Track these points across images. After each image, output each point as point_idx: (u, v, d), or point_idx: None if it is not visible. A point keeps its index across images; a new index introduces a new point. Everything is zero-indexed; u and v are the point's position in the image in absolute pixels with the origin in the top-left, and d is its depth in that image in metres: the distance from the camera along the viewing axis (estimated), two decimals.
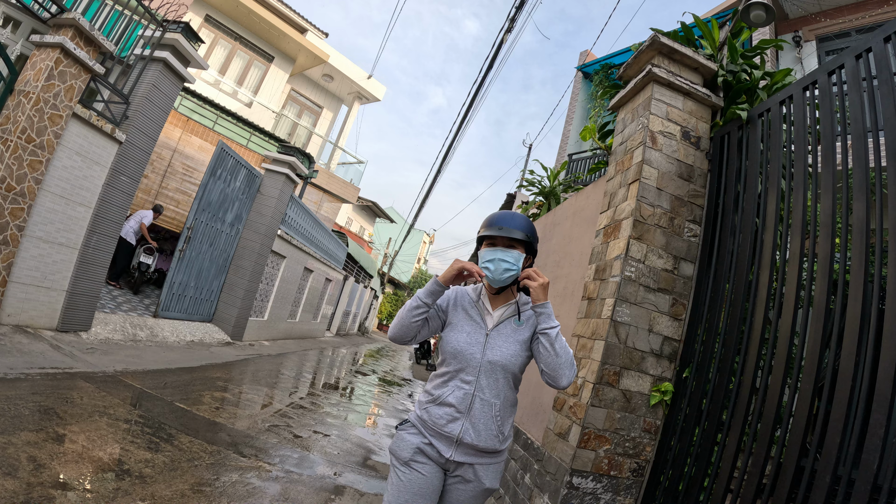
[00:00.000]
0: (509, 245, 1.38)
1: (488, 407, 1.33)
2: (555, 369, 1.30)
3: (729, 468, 1.97)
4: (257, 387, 5.15)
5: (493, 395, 1.34)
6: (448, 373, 1.39)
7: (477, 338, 1.39)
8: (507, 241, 1.38)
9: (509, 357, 1.36)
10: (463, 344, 1.38)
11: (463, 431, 1.32)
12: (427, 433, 1.37)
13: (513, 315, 1.42)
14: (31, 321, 4.29)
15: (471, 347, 1.37)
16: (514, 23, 7.21)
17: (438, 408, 1.36)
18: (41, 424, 2.49)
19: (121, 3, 5.02)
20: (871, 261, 1.64)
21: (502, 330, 1.40)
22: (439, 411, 1.35)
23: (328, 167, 13.88)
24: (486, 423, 1.33)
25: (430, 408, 1.38)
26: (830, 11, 6.42)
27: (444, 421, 1.34)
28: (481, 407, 1.33)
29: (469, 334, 1.39)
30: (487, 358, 1.36)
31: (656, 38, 2.63)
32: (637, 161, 2.58)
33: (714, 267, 2.45)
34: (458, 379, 1.36)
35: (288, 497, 2.54)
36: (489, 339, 1.38)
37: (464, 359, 1.36)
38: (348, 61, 13.79)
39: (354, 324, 20.37)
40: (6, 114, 3.89)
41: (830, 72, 1.99)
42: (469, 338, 1.39)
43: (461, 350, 1.37)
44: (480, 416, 1.33)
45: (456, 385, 1.36)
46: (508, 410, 1.39)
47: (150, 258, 7.18)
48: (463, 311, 1.45)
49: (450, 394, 1.36)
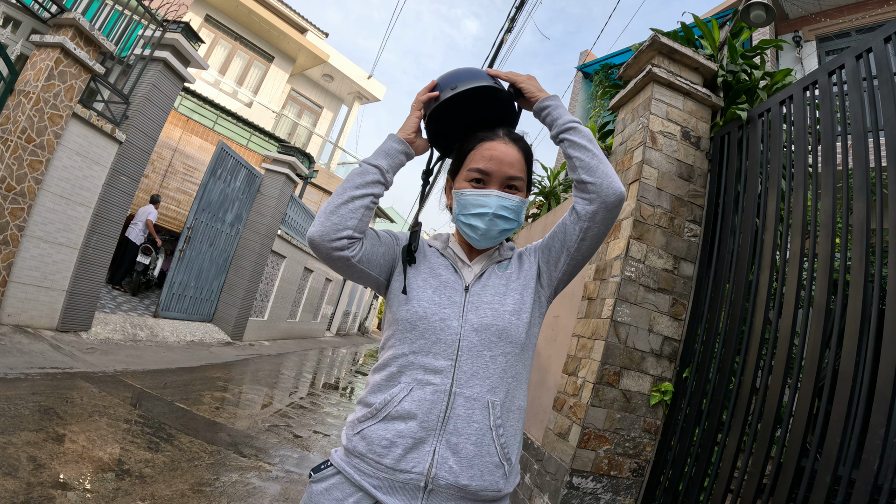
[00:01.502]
0: (508, 183, 0.89)
1: (481, 410, 0.78)
2: (603, 172, 0.84)
3: (729, 468, 1.97)
4: (257, 387, 5.15)
5: (486, 387, 0.79)
6: (398, 359, 0.83)
7: (450, 295, 0.86)
8: (507, 175, 0.89)
9: (508, 314, 0.84)
10: (427, 304, 0.84)
11: (437, 463, 0.75)
12: (365, 482, 0.77)
13: (497, 261, 0.95)
14: (32, 321, 4.29)
15: (441, 309, 0.83)
16: (514, 23, 7.21)
17: (384, 426, 0.78)
18: (41, 424, 2.49)
19: (121, 3, 5.02)
20: (871, 261, 1.64)
21: (488, 282, 0.89)
22: (386, 432, 0.77)
23: (328, 167, 13.88)
24: (480, 442, 0.77)
25: (367, 430, 0.79)
26: (830, 11, 6.42)
27: (399, 451, 0.75)
28: (467, 412, 0.77)
29: (437, 290, 0.86)
30: (471, 322, 0.82)
31: (656, 38, 2.63)
32: (637, 161, 2.58)
33: (714, 267, 2.45)
34: (417, 368, 0.80)
35: (288, 497, 2.54)
36: (470, 295, 0.86)
37: (429, 329, 0.82)
38: (348, 61, 13.79)
39: (354, 324, 20.38)
40: (6, 114, 3.89)
41: (831, 72, 1.99)
42: (437, 295, 0.85)
43: (424, 314, 0.82)
44: (467, 430, 0.76)
45: (414, 378, 0.79)
46: (515, 415, 0.83)
47: (146, 258, 7.09)
48: (423, 260, 0.93)
49: (404, 396, 0.79)
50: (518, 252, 1.00)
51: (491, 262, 0.95)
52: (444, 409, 0.77)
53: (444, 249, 0.97)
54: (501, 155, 0.89)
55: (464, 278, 0.91)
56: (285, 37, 12.03)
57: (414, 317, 0.83)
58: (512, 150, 0.90)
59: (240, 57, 12.21)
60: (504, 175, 0.89)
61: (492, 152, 0.89)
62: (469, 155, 0.93)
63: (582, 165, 0.85)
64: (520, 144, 0.93)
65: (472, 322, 0.84)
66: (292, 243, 9.15)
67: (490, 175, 0.89)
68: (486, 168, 0.89)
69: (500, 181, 0.89)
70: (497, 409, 0.79)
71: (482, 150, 0.90)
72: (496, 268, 0.94)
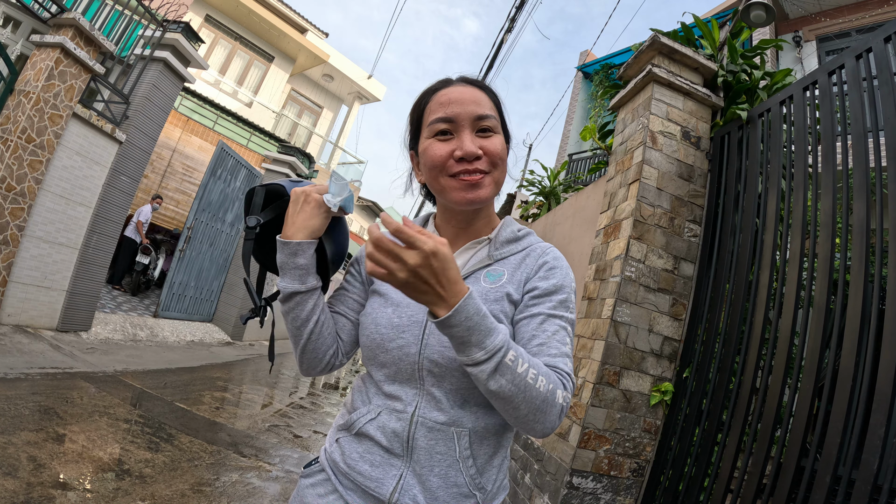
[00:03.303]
0: (481, 126, 0.74)
1: (445, 442, 0.70)
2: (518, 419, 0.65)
3: (729, 468, 1.97)
4: (257, 387, 5.15)
5: (451, 416, 0.71)
6: (368, 381, 0.79)
7: (412, 314, 0.74)
8: (475, 115, 0.74)
9: None
10: (384, 328, 0.74)
11: (402, 490, 0.70)
12: (341, 485, 0.75)
13: (486, 264, 0.78)
14: (32, 321, 4.29)
15: (399, 335, 0.73)
16: (514, 23, 7.21)
17: (356, 441, 0.75)
18: (41, 424, 2.49)
19: (121, 3, 5.03)
20: (871, 261, 1.64)
21: None
22: (358, 446, 0.74)
23: (328, 167, 13.88)
24: (446, 474, 0.70)
25: (342, 439, 0.77)
26: (830, 11, 6.42)
27: (366, 466, 0.73)
28: (429, 443, 0.70)
29: (398, 307, 0.75)
30: (431, 348, 0.71)
31: (656, 39, 2.63)
32: (637, 161, 2.58)
33: (714, 267, 2.45)
34: (383, 394, 0.75)
35: (288, 497, 2.54)
36: None
37: (389, 360, 0.74)
38: (348, 61, 13.79)
39: None
40: (6, 114, 3.89)
41: (831, 72, 1.99)
42: (398, 315, 0.75)
43: (381, 341, 0.74)
44: (430, 462, 0.70)
45: (382, 403, 0.74)
46: (491, 440, 0.74)
47: (146, 258, 7.06)
48: None
49: (371, 418, 0.74)
50: (527, 253, 0.79)
51: (480, 261, 0.78)
52: (407, 439, 0.71)
53: None
54: (460, 95, 0.75)
55: None
56: (285, 37, 12.03)
57: (372, 344, 0.75)
58: (472, 90, 0.76)
59: (240, 57, 12.21)
60: (472, 115, 0.73)
61: (449, 95, 0.75)
62: (425, 111, 0.78)
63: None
64: (479, 85, 0.79)
65: (433, 348, 0.71)
66: None
67: (456, 120, 0.73)
68: (449, 113, 0.74)
69: (471, 123, 0.73)
70: (464, 439, 0.71)
71: (438, 98, 0.76)
72: (484, 274, 0.76)
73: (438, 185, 0.76)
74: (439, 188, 0.76)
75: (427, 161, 0.75)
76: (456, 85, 0.77)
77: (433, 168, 0.75)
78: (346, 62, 13.72)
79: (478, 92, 0.77)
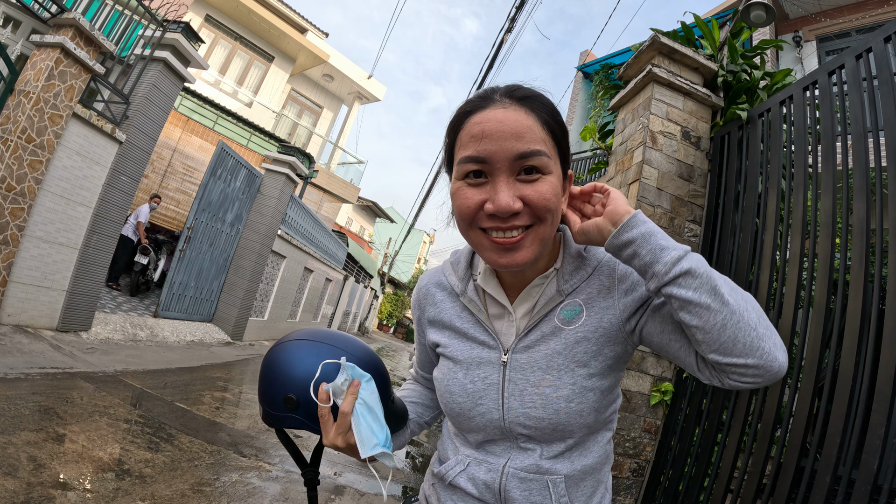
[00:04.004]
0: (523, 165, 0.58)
1: (539, 490, 0.65)
2: (742, 340, 0.53)
3: (729, 468, 1.97)
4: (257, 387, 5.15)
5: (546, 465, 0.66)
6: (455, 433, 0.75)
7: (485, 376, 0.67)
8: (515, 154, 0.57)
9: (563, 401, 0.63)
10: (460, 398, 0.68)
11: None
12: None
13: (557, 303, 0.66)
14: (32, 321, 4.29)
15: (478, 403, 0.67)
16: (514, 23, 7.21)
17: (450, 491, 0.71)
18: (41, 424, 2.49)
19: (121, 3, 5.03)
20: (871, 261, 1.64)
21: (538, 345, 0.66)
22: (452, 495, 0.71)
23: (328, 167, 13.88)
24: None
25: (438, 486, 0.74)
26: (830, 11, 6.42)
27: None
28: (523, 493, 0.66)
29: (469, 371, 0.69)
30: (514, 412, 0.65)
31: (656, 38, 2.63)
32: (637, 161, 2.58)
33: (714, 267, 2.45)
34: (470, 446, 0.71)
35: (288, 497, 2.54)
36: (510, 370, 0.66)
37: (472, 425, 0.68)
38: (348, 61, 13.79)
39: (355, 324, 20.38)
40: (6, 114, 3.89)
41: (831, 72, 1.99)
42: (469, 378, 0.68)
43: (460, 411, 0.69)
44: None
45: (470, 454, 0.70)
46: (589, 480, 0.68)
47: (145, 258, 6.92)
48: (446, 320, 0.73)
49: (460, 470, 0.70)
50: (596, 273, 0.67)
51: (548, 302, 0.66)
52: (499, 490, 0.66)
53: (465, 286, 0.71)
54: (497, 126, 0.57)
55: (501, 341, 0.67)
56: (285, 37, 12.03)
57: (452, 414, 0.70)
58: (514, 115, 0.57)
59: (240, 57, 12.21)
60: (511, 154, 0.56)
61: (483, 126, 0.57)
62: (456, 141, 0.62)
63: (705, 340, 0.54)
64: (530, 104, 0.59)
65: (516, 412, 0.65)
66: (292, 243, 9.15)
67: (489, 161, 0.57)
68: (481, 152, 0.57)
69: (509, 165, 0.57)
70: (560, 486, 0.65)
71: (470, 126, 0.59)
72: (557, 314, 0.65)
73: (469, 239, 0.63)
74: (471, 243, 0.63)
75: (455, 209, 0.62)
76: (496, 107, 0.58)
77: (461, 220, 0.61)
78: (346, 62, 13.72)
79: (522, 115, 0.58)
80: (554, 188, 0.58)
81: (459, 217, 0.61)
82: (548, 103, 0.61)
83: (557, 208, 0.60)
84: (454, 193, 0.62)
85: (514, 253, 0.58)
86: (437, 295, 0.76)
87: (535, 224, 0.58)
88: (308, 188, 12.52)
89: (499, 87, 0.62)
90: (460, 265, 0.73)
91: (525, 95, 0.60)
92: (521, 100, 0.60)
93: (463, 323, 0.71)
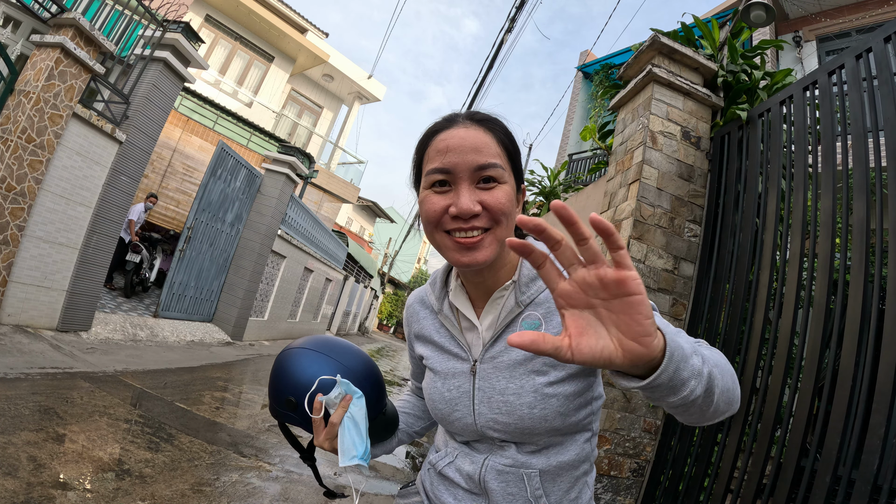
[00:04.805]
0: (482, 175, 0.65)
1: (516, 482, 0.70)
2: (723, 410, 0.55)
3: (729, 468, 1.97)
4: (257, 387, 5.15)
5: (522, 459, 0.71)
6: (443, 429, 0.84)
7: (459, 384, 0.74)
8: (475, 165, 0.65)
9: (526, 408, 0.67)
10: (440, 404, 0.75)
11: None
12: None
13: (517, 314, 0.70)
14: (32, 321, 4.29)
15: (453, 409, 0.74)
16: (514, 23, 7.21)
17: (441, 478, 0.79)
18: (41, 424, 2.49)
19: (121, 3, 5.03)
20: (871, 261, 1.64)
21: (502, 354, 0.70)
22: (443, 483, 0.79)
23: (328, 167, 13.88)
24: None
25: (432, 473, 0.82)
26: (830, 11, 6.42)
27: (451, 499, 0.77)
28: (500, 485, 0.71)
29: (446, 380, 0.75)
30: (484, 418, 0.71)
31: (656, 39, 2.63)
32: (637, 161, 2.58)
33: (714, 267, 2.45)
34: (457, 442, 0.79)
35: (288, 497, 2.54)
36: (479, 379, 0.72)
37: (453, 427, 0.76)
38: (348, 61, 13.79)
39: (355, 324, 20.38)
40: (6, 114, 3.89)
41: (830, 72, 1.99)
42: (446, 387, 0.75)
43: (441, 415, 0.76)
44: (506, 499, 0.71)
45: (457, 447, 0.78)
46: (565, 477, 0.72)
47: (136, 256, 6.63)
48: (427, 335, 0.81)
49: (449, 461, 0.77)
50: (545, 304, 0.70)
51: (508, 313, 0.70)
52: (479, 481, 0.73)
53: (441, 304, 0.78)
54: (460, 141, 0.65)
55: (470, 352, 0.74)
56: (285, 37, 12.03)
57: (436, 417, 0.79)
58: (475, 133, 0.66)
59: (240, 57, 12.21)
60: (471, 165, 0.64)
61: (447, 142, 0.66)
62: (424, 157, 0.70)
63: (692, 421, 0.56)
64: (488, 125, 0.68)
65: (486, 417, 0.70)
66: (292, 243, 9.16)
67: (453, 171, 0.65)
68: (446, 163, 0.65)
69: (470, 174, 0.64)
70: (535, 479, 0.70)
71: (437, 143, 0.67)
72: (518, 326, 0.69)
73: (435, 242, 0.68)
74: (436, 245, 0.69)
75: (422, 215, 0.69)
76: (458, 126, 0.67)
77: (428, 223, 0.68)
78: (346, 62, 13.72)
79: (481, 134, 0.67)
80: (508, 195, 0.66)
81: (427, 220, 0.68)
82: (503, 125, 0.71)
83: (512, 213, 0.67)
84: (422, 201, 0.69)
85: (475, 252, 0.65)
86: (420, 312, 0.84)
87: (493, 227, 0.65)
88: (308, 188, 12.52)
89: (461, 112, 0.72)
90: (437, 284, 0.81)
91: (484, 118, 0.69)
92: (480, 121, 0.69)
93: (441, 337, 0.79)
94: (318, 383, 0.74)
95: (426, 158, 0.69)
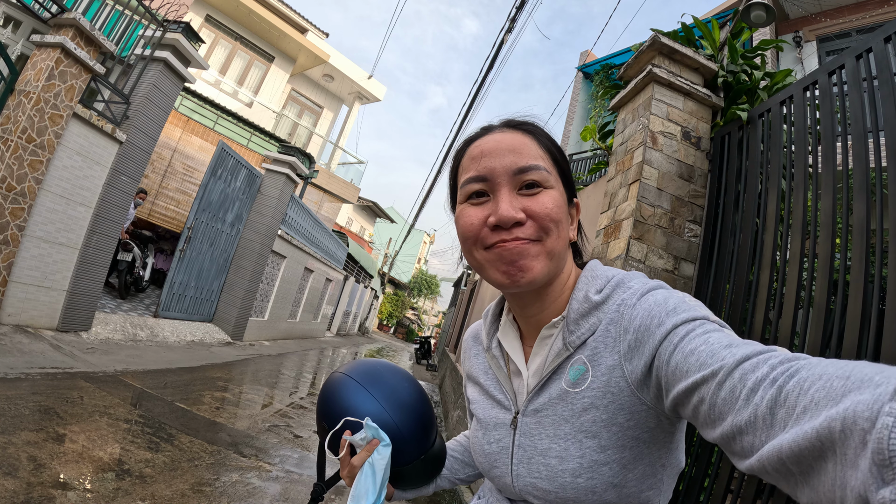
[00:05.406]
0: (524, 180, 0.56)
1: None
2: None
3: (729, 468, 1.97)
4: (257, 387, 5.15)
5: None
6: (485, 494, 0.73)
7: (499, 437, 0.64)
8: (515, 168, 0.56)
9: (569, 476, 0.54)
10: (480, 457, 0.67)
11: None
12: None
13: (565, 357, 0.58)
14: (32, 321, 4.29)
15: (493, 465, 0.64)
16: (514, 23, 7.21)
17: None
18: (41, 424, 2.49)
19: (121, 3, 5.03)
20: (871, 261, 1.64)
21: (546, 408, 0.58)
22: None
23: (328, 167, 13.88)
24: None
25: None
26: (831, 12, 6.42)
27: None
28: None
29: (487, 431, 0.66)
30: (522, 480, 0.60)
31: (657, 39, 2.63)
32: (637, 161, 2.58)
33: (714, 267, 2.45)
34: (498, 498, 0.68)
35: (288, 497, 2.54)
36: (519, 434, 0.61)
37: (493, 483, 0.67)
38: (349, 61, 13.80)
39: (355, 324, 20.38)
40: (7, 114, 3.89)
41: (831, 72, 1.99)
42: (486, 439, 0.66)
43: (483, 468, 0.67)
44: None
45: (499, 502, 0.67)
46: None
47: (128, 255, 6.37)
48: (475, 376, 0.73)
49: None
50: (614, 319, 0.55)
51: (555, 357, 0.58)
52: None
53: (490, 340, 0.69)
54: (495, 144, 0.57)
55: (515, 400, 0.63)
56: (285, 37, 12.04)
57: (479, 468, 0.70)
58: (511, 135, 0.59)
59: (240, 57, 12.21)
60: (510, 168, 0.55)
61: (482, 147, 0.58)
62: (459, 167, 0.62)
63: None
64: (525, 128, 0.61)
65: (524, 480, 0.59)
66: (293, 243, 9.16)
67: (490, 177, 0.56)
68: (481, 170, 0.57)
69: (510, 178, 0.55)
70: None
71: (471, 152, 0.60)
72: (565, 376, 0.57)
73: (475, 262, 0.58)
74: (476, 266, 0.58)
75: (458, 231, 0.59)
76: (494, 132, 0.60)
77: (465, 240, 0.58)
78: (347, 62, 13.72)
79: (520, 136, 0.58)
80: (556, 201, 0.56)
81: (464, 237, 0.58)
82: (544, 130, 0.62)
83: (563, 221, 0.57)
84: (458, 217, 0.59)
85: (520, 262, 0.53)
86: (472, 349, 0.75)
87: (542, 237, 0.55)
88: (308, 188, 12.52)
89: (497, 120, 0.65)
90: (488, 317, 0.71)
91: (522, 122, 0.62)
92: (517, 126, 0.61)
93: (487, 379, 0.69)
94: (342, 423, 0.70)
95: (461, 170, 0.61)
